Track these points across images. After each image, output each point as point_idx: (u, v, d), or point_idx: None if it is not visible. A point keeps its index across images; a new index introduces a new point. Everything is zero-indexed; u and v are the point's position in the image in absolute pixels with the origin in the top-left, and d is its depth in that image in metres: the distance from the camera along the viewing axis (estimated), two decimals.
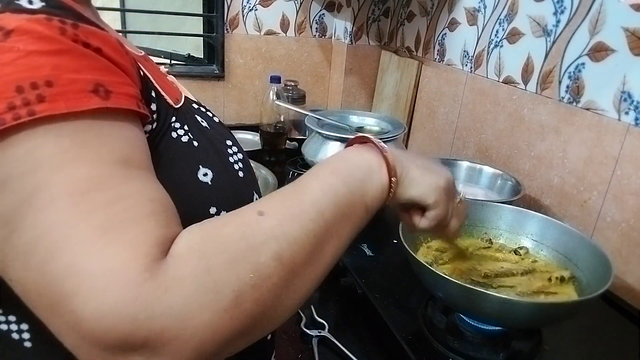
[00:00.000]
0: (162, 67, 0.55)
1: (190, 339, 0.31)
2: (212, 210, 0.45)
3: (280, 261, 0.35)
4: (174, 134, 0.44)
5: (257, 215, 0.37)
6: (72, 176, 0.32)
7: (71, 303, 0.29)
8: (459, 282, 0.61)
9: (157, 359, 0.30)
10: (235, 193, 0.49)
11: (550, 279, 0.73)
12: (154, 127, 0.42)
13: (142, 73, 0.42)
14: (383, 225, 1.08)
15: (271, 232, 0.36)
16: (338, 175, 0.43)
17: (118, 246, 0.31)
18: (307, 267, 0.38)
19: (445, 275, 0.63)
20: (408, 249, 0.68)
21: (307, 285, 0.39)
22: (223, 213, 0.45)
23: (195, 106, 0.52)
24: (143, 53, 0.51)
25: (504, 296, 0.60)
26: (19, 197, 0.31)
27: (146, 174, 0.37)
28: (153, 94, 0.43)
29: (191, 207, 0.42)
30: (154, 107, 0.42)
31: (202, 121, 0.49)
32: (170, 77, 0.54)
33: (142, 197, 0.34)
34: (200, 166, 0.45)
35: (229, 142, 0.51)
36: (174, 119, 0.45)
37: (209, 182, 0.45)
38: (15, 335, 0.41)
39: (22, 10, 0.33)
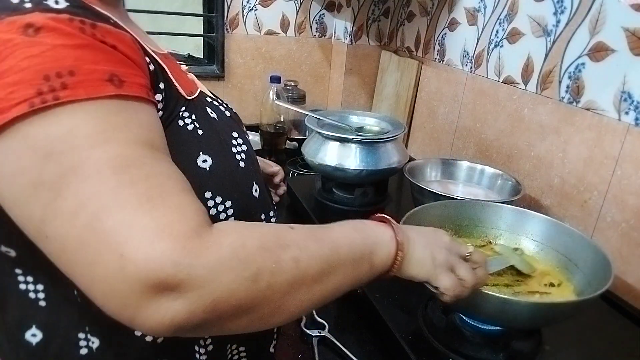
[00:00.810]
0: (183, 66, 0.62)
1: (213, 292, 0.36)
2: (207, 194, 0.49)
3: (297, 264, 0.41)
4: (180, 122, 0.49)
5: (289, 227, 0.44)
6: (109, 153, 0.37)
7: (122, 250, 0.34)
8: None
9: (181, 302, 0.35)
10: (233, 181, 0.52)
11: (546, 284, 0.73)
12: (160, 114, 0.46)
13: (153, 67, 0.46)
14: None
15: (296, 241, 0.43)
16: (357, 231, 0.50)
17: (165, 210, 0.36)
18: (314, 284, 0.43)
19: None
20: None
21: (309, 299, 0.43)
22: (218, 198, 0.50)
23: (209, 100, 0.57)
24: (165, 51, 0.56)
25: (504, 296, 0.60)
26: (63, 168, 0.36)
27: (167, 156, 0.42)
28: (162, 85, 0.47)
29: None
30: (159, 97, 0.47)
31: (211, 113, 0.54)
32: (190, 75, 0.61)
33: (173, 175, 0.40)
34: (201, 153, 0.50)
35: (235, 134, 0.55)
36: (183, 108, 0.50)
37: (207, 168, 0.50)
38: (32, 295, 0.48)
39: (49, 9, 0.39)
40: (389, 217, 0.53)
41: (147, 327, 0.36)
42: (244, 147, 0.55)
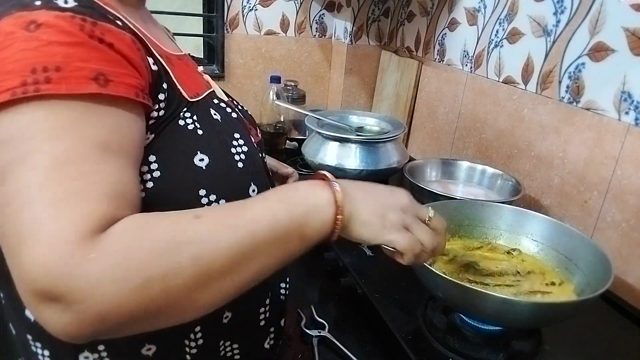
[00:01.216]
0: (199, 67, 0.64)
1: (96, 305, 0.35)
2: (202, 192, 0.50)
3: (197, 262, 0.39)
4: (181, 122, 0.51)
5: (194, 217, 0.41)
6: (57, 147, 0.38)
7: (20, 249, 0.36)
8: (459, 282, 0.61)
9: (68, 314, 0.35)
10: (229, 180, 0.53)
11: (547, 284, 0.73)
12: (161, 114, 0.48)
13: (156, 68, 0.48)
14: None
15: (199, 235, 0.40)
16: (283, 202, 0.46)
17: (71, 213, 0.37)
18: (226, 276, 0.41)
19: (445, 275, 0.63)
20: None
21: (224, 291, 0.42)
22: (212, 196, 0.51)
23: (216, 101, 0.58)
24: (181, 52, 0.60)
25: (503, 296, 0.60)
26: (15, 155, 0.38)
27: (121, 160, 0.42)
28: (165, 86, 0.49)
29: (181, 186, 0.49)
30: (162, 96, 0.48)
31: (215, 114, 0.55)
32: (206, 77, 0.63)
33: (107, 178, 0.40)
34: (199, 152, 0.51)
35: (236, 135, 0.56)
36: (185, 109, 0.51)
37: (203, 167, 0.51)
38: None
39: (56, 7, 0.41)
40: (328, 175, 0.50)
41: (50, 331, 0.36)
42: (245, 148, 0.56)
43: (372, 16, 1.62)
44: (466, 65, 1.27)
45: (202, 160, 0.51)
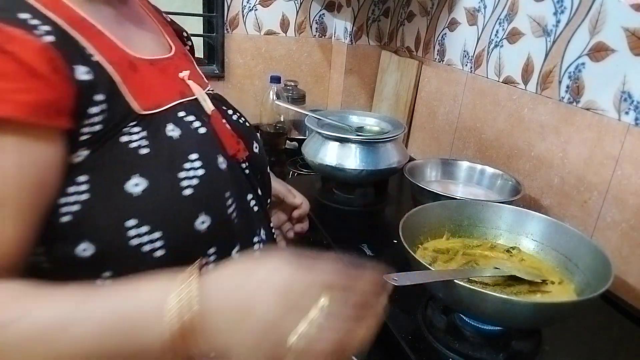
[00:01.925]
0: (182, 73, 0.57)
1: None
2: (131, 222, 0.44)
3: None
4: (123, 138, 0.46)
5: (15, 323, 0.37)
6: None
7: None
8: (459, 282, 0.61)
9: None
10: (169, 209, 0.46)
11: (546, 282, 0.73)
12: (97, 129, 0.44)
13: (89, 77, 0.43)
14: (383, 226, 1.08)
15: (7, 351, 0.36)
16: (115, 320, 0.38)
17: None
18: None
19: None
20: (408, 249, 0.68)
21: None
22: (144, 228, 0.44)
23: (182, 114, 0.52)
24: (166, 55, 0.56)
25: (504, 296, 0.60)
26: None
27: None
28: (101, 97, 0.44)
29: (107, 214, 0.44)
30: (95, 110, 0.44)
31: (172, 130, 0.49)
32: (190, 83, 0.57)
33: None
34: (136, 175, 0.45)
35: (193, 156, 0.49)
36: (133, 123, 0.47)
37: (137, 193, 0.45)
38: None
39: None
40: (193, 272, 0.40)
41: None
42: (200, 172, 0.49)
43: (372, 16, 1.62)
44: (466, 65, 1.27)
45: (137, 185, 0.45)
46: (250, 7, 1.56)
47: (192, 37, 0.76)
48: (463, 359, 0.66)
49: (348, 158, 1.08)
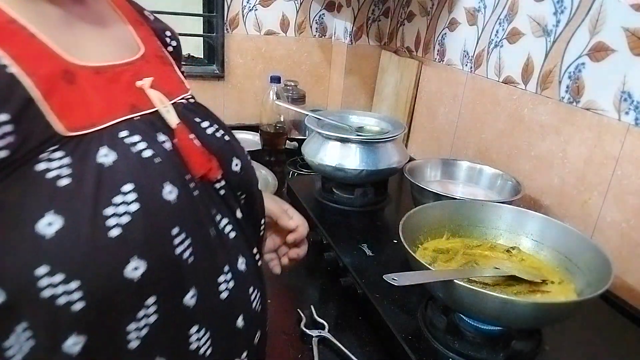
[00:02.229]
0: (141, 81, 0.49)
1: None
2: (42, 269, 0.37)
3: None
4: (40, 166, 0.38)
5: None
6: None
7: None
8: (459, 282, 0.61)
9: None
10: (89, 255, 0.39)
11: (547, 282, 0.73)
12: (2, 155, 0.37)
13: None
14: (383, 226, 1.08)
15: None
16: None
17: None
18: None
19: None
20: (408, 249, 0.68)
21: None
22: (58, 276, 0.37)
23: (123, 134, 0.44)
24: (96, 64, 0.46)
25: (504, 296, 0.60)
26: None
27: None
28: (4, 117, 0.37)
29: (15, 257, 0.37)
30: (8, 128, 0.37)
31: (105, 155, 0.41)
32: (153, 94, 0.49)
33: None
34: (50, 213, 0.38)
35: (126, 187, 0.41)
36: (54, 147, 0.39)
37: (50, 234, 0.37)
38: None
39: None
40: None
41: None
42: (134, 207, 0.41)
43: (372, 16, 1.62)
44: (466, 65, 1.27)
45: (50, 224, 0.37)
46: (250, 7, 1.56)
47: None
48: (463, 359, 0.66)
49: (348, 158, 1.08)
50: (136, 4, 0.61)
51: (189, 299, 0.45)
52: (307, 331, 0.75)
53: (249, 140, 1.53)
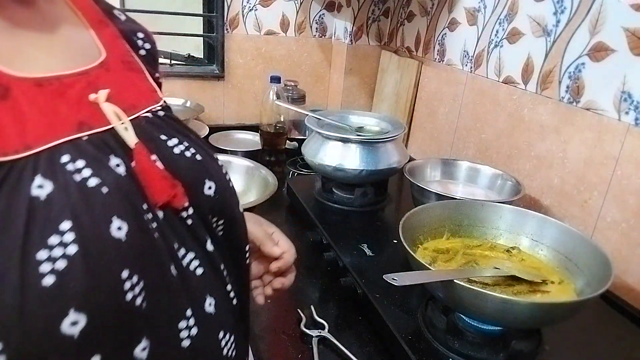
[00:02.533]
0: (95, 94, 0.43)
1: None
2: None
3: None
4: None
5: None
6: None
7: None
8: (459, 282, 0.61)
9: None
10: (14, 309, 0.32)
11: (546, 282, 0.73)
12: None
13: None
14: (383, 226, 1.08)
15: None
16: None
17: None
18: None
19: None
20: (408, 249, 0.68)
21: None
22: None
23: (65, 159, 0.37)
24: (39, 76, 0.40)
25: (504, 296, 0.60)
26: None
27: None
28: None
29: None
30: None
31: (39, 186, 0.35)
32: (111, 108, 0.43)
33: None
34: None
35: (64, 226, 0.34)
36: None
37: None
38: None
39: None
40: None
41: None
42: (72, 249, 0.34)
43: (372, 16, 1.62)
44: (466, 65, 1.27)
45: None
46: (250, 7, 1.56)
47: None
48: (463, 359, 0.66)
49: (348, 158, 1.08)
50: (104, 3, 0.54)
51: (140, 351, 0.39)
52: (307, 331, 0.75)
53: (249, 140, 1.54)
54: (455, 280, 0.61)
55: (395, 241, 0.93)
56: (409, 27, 1.53)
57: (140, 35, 0.56)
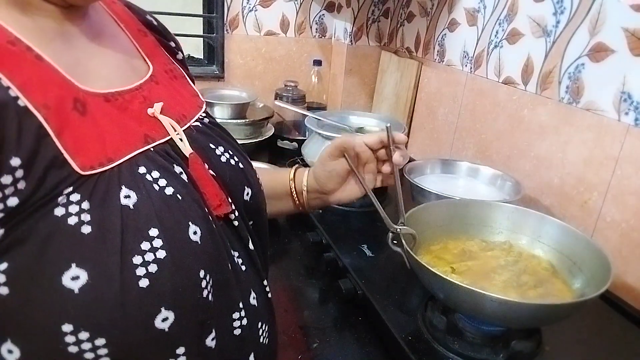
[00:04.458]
0: (152, 108, 0.44)
1: None
2: (66, 327, 0.34)
3: None
4: (59, 211, 0.34)
5: None
6: None
7: None
8: (459, 283, 0.61)
9: None
10: (115, 310, 0.35)
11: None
12: (12, 203, 0.32)
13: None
14: (383, 226, 1.08)
15: None
16: None
17: None
18: None
19: (445, 276, 0.63)
20: (409, 249, 0.68)
21: None
22: (83, 334, 0.34)
23: (142, 171, 0.39)
24: (105, 91, 0.41)
25: (503, 297, 0.60)
26: None
27: None
28: (17, 162, 0.32)
29: (37, 315, 0.34)
30: (8, 180, 0.32)
31: (126, 196, 0.37)
32: (166, 120, 0.45)
33: None
34: (74, 265, 0.34)
35: (153, 232, 0.37)
36: (70, 189, 0.35)
37: (76, 289, 0.34)
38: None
39: None
40: None
41: None
42: (162, 253, 0.37)
43: (372, 17, 1.62)
44: (466, 65, 1.27)
45: (76, 278, 0.34)
46: (250, 7, 1.56)
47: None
48: (463, 359, 0.66)
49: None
50: (138, 9, 0.56)
51: (210, 341, 0.43)
52: (307, 332, 0.75)
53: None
54: (455, 282, 0.61)
55: (395, 241, 0.93)
56: (408, 28, 1.53)
57: (173, 44, 0.58)
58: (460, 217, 0.84)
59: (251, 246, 0.51)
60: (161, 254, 0.37)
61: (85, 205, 0.35)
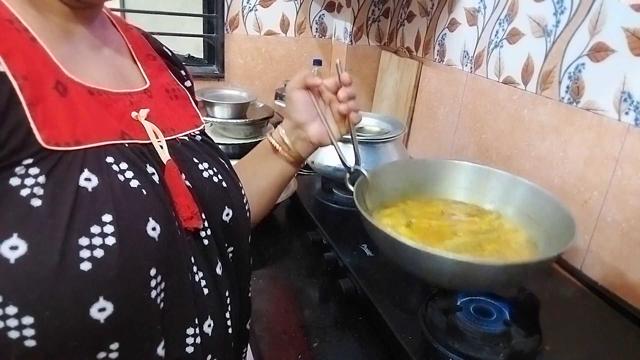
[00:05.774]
0: (137, 113, 0.46)
1: None
2: None
3: None
4: (13, 181, 0.35)
5: None
6: None
7: None
8: (414, 246, 0.60)
9: None
10: (50, 288, 0.35)
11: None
12: None
13: None
14: None
15: None
16: None
17: None
18: None
19: (402, 239, 0.61)
20: (364, 214, 0.68)
21: None
22: (11, 309, 0.34)
23: (110, 160, 0.40)
24: (92, 85, 0.43)
25: (460, 259, 0.59)
26: None
27: None
28: None
29: None
30: None
31: (86, 178, 0.38)
32: (149, 126, 0.46)
33: None
34: (16, 235, 0.34)
35: (106, 218, 0.37)
36: (31, 160, 0.36)
37: (11, 260, 0.34)
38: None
39: None
40: None
41: None
42: (111, 240, 0.37)
43: (372, 16, 1.62)
44: (466, 65, 1.27)
45: (15, 248, 0.34)
46: (250, 7, 1.56)
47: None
48: (463, 359, 0.66)
49: (348, 158, 1.08)
50: (155, 40, 0.60)
51: (160, 349, 0.41)
52: (307, 331, 0.75)
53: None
54: (410, 244, 0.59)
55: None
56: (408, 28, 1.53)
57: (183, 73, 0.61)
58: (420, 177, 0.84)
59: (219, 271, 0.49)
60: (110, 240, 0.37)
61: (42, 179, 0.36)
